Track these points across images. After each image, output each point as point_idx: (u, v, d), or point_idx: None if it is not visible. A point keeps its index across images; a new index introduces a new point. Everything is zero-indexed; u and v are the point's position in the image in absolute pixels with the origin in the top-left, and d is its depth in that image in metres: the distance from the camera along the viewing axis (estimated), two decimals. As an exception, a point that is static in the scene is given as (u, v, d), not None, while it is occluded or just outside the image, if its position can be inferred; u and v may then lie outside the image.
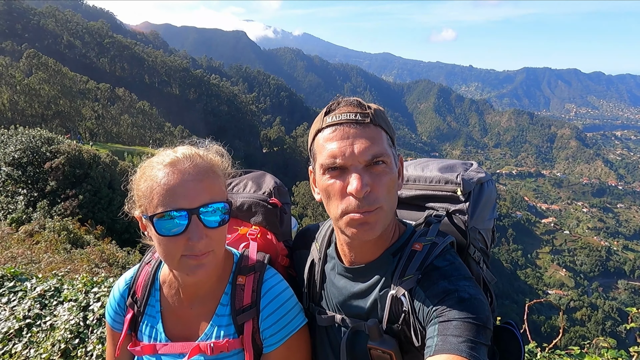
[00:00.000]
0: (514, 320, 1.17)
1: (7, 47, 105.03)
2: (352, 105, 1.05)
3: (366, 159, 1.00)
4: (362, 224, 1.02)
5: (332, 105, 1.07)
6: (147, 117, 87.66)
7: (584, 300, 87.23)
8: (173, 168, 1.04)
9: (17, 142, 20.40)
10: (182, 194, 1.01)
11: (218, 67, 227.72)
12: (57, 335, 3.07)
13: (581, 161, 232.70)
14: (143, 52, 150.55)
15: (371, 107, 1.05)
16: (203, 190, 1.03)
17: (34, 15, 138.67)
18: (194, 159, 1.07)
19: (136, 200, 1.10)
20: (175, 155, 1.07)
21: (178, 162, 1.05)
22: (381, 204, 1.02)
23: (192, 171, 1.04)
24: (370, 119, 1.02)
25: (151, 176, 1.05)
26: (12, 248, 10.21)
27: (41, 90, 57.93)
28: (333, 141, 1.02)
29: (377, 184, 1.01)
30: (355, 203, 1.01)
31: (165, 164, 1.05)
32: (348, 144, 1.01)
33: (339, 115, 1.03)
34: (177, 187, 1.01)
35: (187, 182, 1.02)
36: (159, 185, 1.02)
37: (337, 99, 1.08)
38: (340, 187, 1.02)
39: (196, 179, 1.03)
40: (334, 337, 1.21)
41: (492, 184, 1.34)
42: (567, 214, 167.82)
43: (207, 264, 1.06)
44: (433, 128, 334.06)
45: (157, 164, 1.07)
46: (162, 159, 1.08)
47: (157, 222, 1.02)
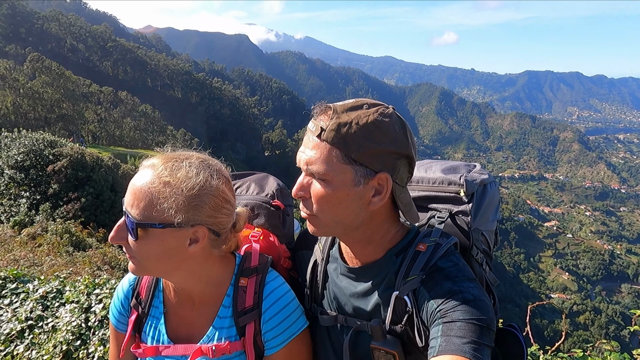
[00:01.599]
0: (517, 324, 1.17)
1: (10, 51, 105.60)
2: (320, 114, 1.05)
3: (304, 169, 1.05)
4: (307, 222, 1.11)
5: (315, 108, 1.08)
6: (149, 120, 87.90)
7: (587, 304, 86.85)
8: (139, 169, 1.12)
9: (20, 145, 20.48)
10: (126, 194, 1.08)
11: (220, 71, 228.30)
12: (58, 336, 3.07)
13: (584, 164, 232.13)
14: (146, 55, 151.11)
15: (337, 119, 1.01)
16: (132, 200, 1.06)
17: (38, 19, 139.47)
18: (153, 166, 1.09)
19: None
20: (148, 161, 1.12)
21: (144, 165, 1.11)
22: (315, 214, 1.06)
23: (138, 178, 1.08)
24: (319, 134, 1.02)
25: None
26: (15, 251, 10.24)
27: (44, 93, 58.22)
28: (301, 145, 1.08)
29: (314, 194, 1.05)
30: (300, 203, 1.09)
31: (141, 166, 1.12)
32: (302, 151, 1.06)
33: (310, 122, 1.07)
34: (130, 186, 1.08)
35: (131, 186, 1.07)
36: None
37: (320, 104, 1.08)
38: None
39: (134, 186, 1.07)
40: (336, 337, 1.21)
41: (495, 185, 1.34)
42: (570, 218, 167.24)
43: (133, 268, 1.10)
44: (435, 131, 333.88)
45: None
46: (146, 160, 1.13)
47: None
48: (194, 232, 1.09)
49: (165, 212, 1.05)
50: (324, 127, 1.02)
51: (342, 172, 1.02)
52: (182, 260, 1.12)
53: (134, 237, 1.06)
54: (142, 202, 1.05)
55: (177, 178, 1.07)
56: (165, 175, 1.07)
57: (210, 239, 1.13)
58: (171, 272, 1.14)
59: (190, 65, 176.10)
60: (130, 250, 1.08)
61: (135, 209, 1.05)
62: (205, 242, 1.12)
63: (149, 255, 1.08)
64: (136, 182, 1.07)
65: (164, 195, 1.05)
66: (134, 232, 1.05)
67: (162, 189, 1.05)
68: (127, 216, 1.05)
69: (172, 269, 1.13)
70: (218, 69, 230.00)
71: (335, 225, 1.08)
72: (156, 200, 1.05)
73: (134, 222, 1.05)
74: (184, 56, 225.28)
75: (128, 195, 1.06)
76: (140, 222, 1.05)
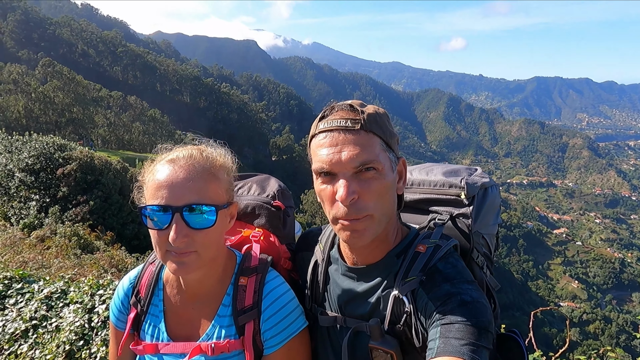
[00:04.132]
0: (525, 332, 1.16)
1: (23, 56, 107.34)
2: (344, 110, 1.05)
3: (354, 165, 1.00)
4: (352, 231, 1.03)
5: (326, 111, 1.07)
6: (158, 124, 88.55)
7: (597, 313, 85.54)
8: (170, 165, 1.07)
9: (31, 149, 20.75)
10: (170, 190, 1.03)
11: (228, 76, 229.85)
12: (62, 336, 3.10)
13: (593, 171, 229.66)
14: (155, 60, 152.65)
15: (365, 112, 1.03)
16: (191, 190, 1.04)
17: (50, 24, 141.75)
18: (192, 158, 1.08)
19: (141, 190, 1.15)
20: (175, 154, 1.10)
21: (176, 160, 1.08)
22: (370, 212, 1.02)
23: (185, 169, 1.05)
24: (361, 125, 1.01)
25: (152, 170, 1.10)
26: (24, 253, 10.34)
27: (55, 97, 58.94)
28: (324, 147, 1.03)
29: (365, 191, 1.01)
30: (344, 210, 1.01)
31: (166, 160, 1.09)
32: (337, 151, 1.01)
33: (330, 121, 1.04)
34: (168, 183, 1.03)
35: (177, 180, 1.03)
36: (154, 179, 1.06)
37: (332, 104, 1.08)
38: (330, 192, 1.03)
39: (187, 178, 1.04)
40: (335, 338, 1.21)
41: (496, 189, 1.34)
42: (580, 225, 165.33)
43: (189, 263, 1.06)
44: (443, 137, 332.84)
45: (160, 159, 1.11)
46: (166, 155, 1.12)
47: (145, 214, 1.05)
48: (233, 208, 1.16)
49: (225, 193, 1.12)
50: (364, 119, 1.02)
51: (385, 160, 1.04)
52: (221, 243, 1.16)
53: (211, 223, 1.06)
54: (209, 186, 1.06)
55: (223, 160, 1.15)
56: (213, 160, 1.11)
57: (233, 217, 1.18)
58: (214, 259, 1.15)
59: (199, 71, 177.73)
60: (190, 245, 1.05)
61: (205, 195, 1.05)
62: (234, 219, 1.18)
63: (212, 241, 1.09)
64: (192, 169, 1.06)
65: (222, 177, 1.11)
66: (212, 219, 1.06)
67: (218, 172, 1.10)
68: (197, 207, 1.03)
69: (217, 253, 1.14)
70: (226, 74, 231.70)
71: (384, 221, 1.07)
72: (218, 181, 1.09)
73: (214, 207, 1.05)
74: (192, 61, 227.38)
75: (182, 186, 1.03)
76: (219, 206, 1.07)
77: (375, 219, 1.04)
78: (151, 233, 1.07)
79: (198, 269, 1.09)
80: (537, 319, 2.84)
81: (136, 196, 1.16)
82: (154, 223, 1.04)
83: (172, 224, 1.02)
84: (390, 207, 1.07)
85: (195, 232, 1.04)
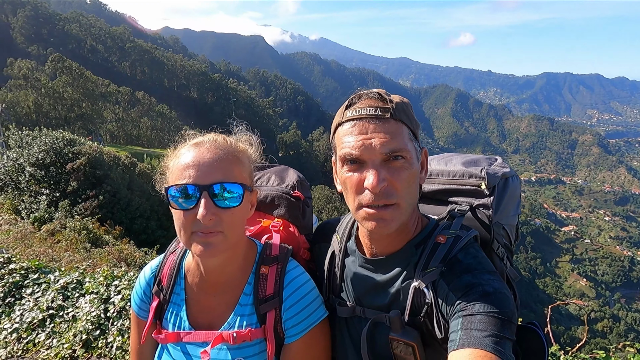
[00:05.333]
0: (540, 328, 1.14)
1: (33, 52, 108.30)
2: (372, 98, 1.04)
3: (384, 152, 0.99)
4: (378, 219, 1.02)
5: (353, 98, 1.06)
6: (165, 120, 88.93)
7: (605, 311, 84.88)
8: (195, 147, 1.09)
9: (41, 144, 20.93)
10: (197, 170, 1.04)
11: (236, 72, 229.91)
12: (78, 326, 3.13)
13: (603, 168, 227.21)
14: (163, 56, 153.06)
15: (393, 101, 1.03)
16: (218, 169, 1.05)
17: (59, 20, 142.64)
18: (216, 142, 1.11)
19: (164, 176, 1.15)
20: (200, 139, 1.13)
21: (201, 143, 1.11)
22: (398, 201, 1.02)
23: (211, 151, 1.08)
24: (391, 114, 1.01)
25: (177, 154, 1.12)
26: (35, 246, 10.47)
27: (65, 93, 59.40)
28: (352, 135, 1.02)
29: (395, 179, 1.00)
30: (371, 197, 1.00)
31: (191, 144, 1.12)
32: (366, 139, 1.00)
33: (359, 109, 1.03)
34: (194, 163, 1.05)
35: (204, 160, 1.06)
36: (179, 162, 1.08)
37: (359, 91, 1.07)
38: (357, 180, 1.02)
39: (213, 158, 1.06)
40: (354, 329, 1.20)
41: (517, 179, 1.32)
42: (589, 222, 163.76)
43: (215, 244, 1.05)
44: (450, 133, 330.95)
45: (184, 145, 1.14)
46: (191, 140, 1.15)
47: (171, 194, 1.06)
48: (254, 196, 1.18)
49: (248, 176, 1.14)
50: (393, 108, 1.01)
51: (412, 149, 1.04)
52: (243, 228, 1.17)
53: (239, 202, 1.07)
54: (235, 168, 1.09)
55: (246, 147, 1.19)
56: (236, 144, 1.15)
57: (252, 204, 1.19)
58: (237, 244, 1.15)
59: (207, 66, 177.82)
60: (218, 224, 1.05)
61: (231, 175, 1.07)
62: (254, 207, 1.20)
63: (238, 223, 1.10)
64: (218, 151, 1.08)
65: (245, 161, 1.14)
66: (239, 198, 1.07)
67: (241, 156, 1.13)
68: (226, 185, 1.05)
69: (239, 237, 1.15)
70: (234, 69, 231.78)
71: (409, 210, 1.06)
72: (242, 165, 1.12)
73: (241, 187, 1.07)
74: (200, 57, 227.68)
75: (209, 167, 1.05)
76: (246, 186, 1.09)
77: (402, 208, 1.03)
78: (176, 215, 1.07)
79: (224, 252, 1.09)
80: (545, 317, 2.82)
81: (159, 182, 1.16)
82: (179, 204, 1.05)
83: (200, 202, 1.02)
84: (415, 197, 1.07)
85: (222, 211, 1.05)
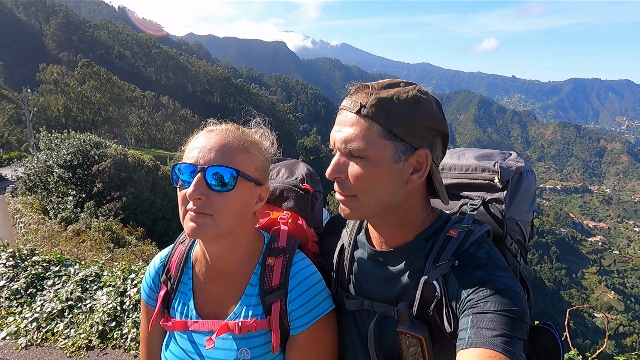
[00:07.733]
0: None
1: (63, 58, 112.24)
2: (357, 91, 1.04)
3: (342, 148, 1.01)
4: (341, 207, 1.07)
5: (349, 89, 1.07)
6: (189, 124, 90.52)
7: (634, 325, 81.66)
8: (207, 133, 1.13)
9: (69, 146, 21.62)
10: (200, 152, 1.08)
11: (258, 77, 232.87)
12: (95, 317, 3.21)
13: (633, 177, 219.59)
14: (187, 62, 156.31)
15: (378, 95, 1.00)
16: (219, 153, 1.07)
17: (89, 27, 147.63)
18: (227, 130, 1.14)
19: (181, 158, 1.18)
20: (214, 127, 1.16)
21: (213, 130, 1.14)
22: (354, 194, 1.03)
23: (219, 137, 1.11)
24: (359, 110, 1.00)
25: (192, 138, 1.16)
26: (61, 245, 10.79)
27: (93, 97, 61.24)
28: (335, 124, 1.06)
29: (352, 174, 1.01)
30: (335, 185, 1.04)
31: (206, 130, 1.16)
32: (337, 130, 1.04)
33: (345, 100, 1.05)
34: (200, 146, 1.09)
35: (210, 143, 1.09)
36: (191, 144, 1.12)
37: (356, 83, 1.07)
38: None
39: (219, 143, 1.09)
40: (361, 322, 1.19)
41: (532, 174, 1.29)
42: (617, 233, 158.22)
43: (203, 226, 1.06)
44: (473, 139, 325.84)
45: (203, 130, 1.17)
46: (209, 127, 1.18)
47: (173, 171, 1.11)
48: (263, 191, 1.18)
49: (254, 169, 1.14)
50: (364, 103, 1.00)
51: (383, 148, 1.00)
52: (244, 220, 1.16)
53: (230, 187, 1.07)
54: (237, 155, 1.10)
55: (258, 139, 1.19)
56: (247, 135, 1.16)
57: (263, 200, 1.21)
58: (233, 231, 1.15)
59: (229, 72, 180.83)
60: (207, 206, 1.07)
61: (230, 161, 1.08)
62: (263, 202, 1.20)
63: (230, 210, 1.10)
64: (225, 138, 1.10)
65: (253, 152, 1.14)
66: (231, 183, 1.07)
67: (249, 146, 1.14)
68: (219, 168, 1.07)
69: (236, 227, 1.15)
70: (256, 75, 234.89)
71: (374, 206, 1.05)
72: (249, 155, 1.12)
73: (235, 172, 1.08)
74: (223, 63, 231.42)
75: (211, 150, 1.08)
76: (242, 172, 1.09)
77: (362, 202, 1.03)
78: (177, 192, 1.12)
79: (213, 236, 1.10)
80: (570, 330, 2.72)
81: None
82: (177, 181, 1.10)
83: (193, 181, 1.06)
84: (385, 197, 1.04)
85: (213, 193, 1.06)
